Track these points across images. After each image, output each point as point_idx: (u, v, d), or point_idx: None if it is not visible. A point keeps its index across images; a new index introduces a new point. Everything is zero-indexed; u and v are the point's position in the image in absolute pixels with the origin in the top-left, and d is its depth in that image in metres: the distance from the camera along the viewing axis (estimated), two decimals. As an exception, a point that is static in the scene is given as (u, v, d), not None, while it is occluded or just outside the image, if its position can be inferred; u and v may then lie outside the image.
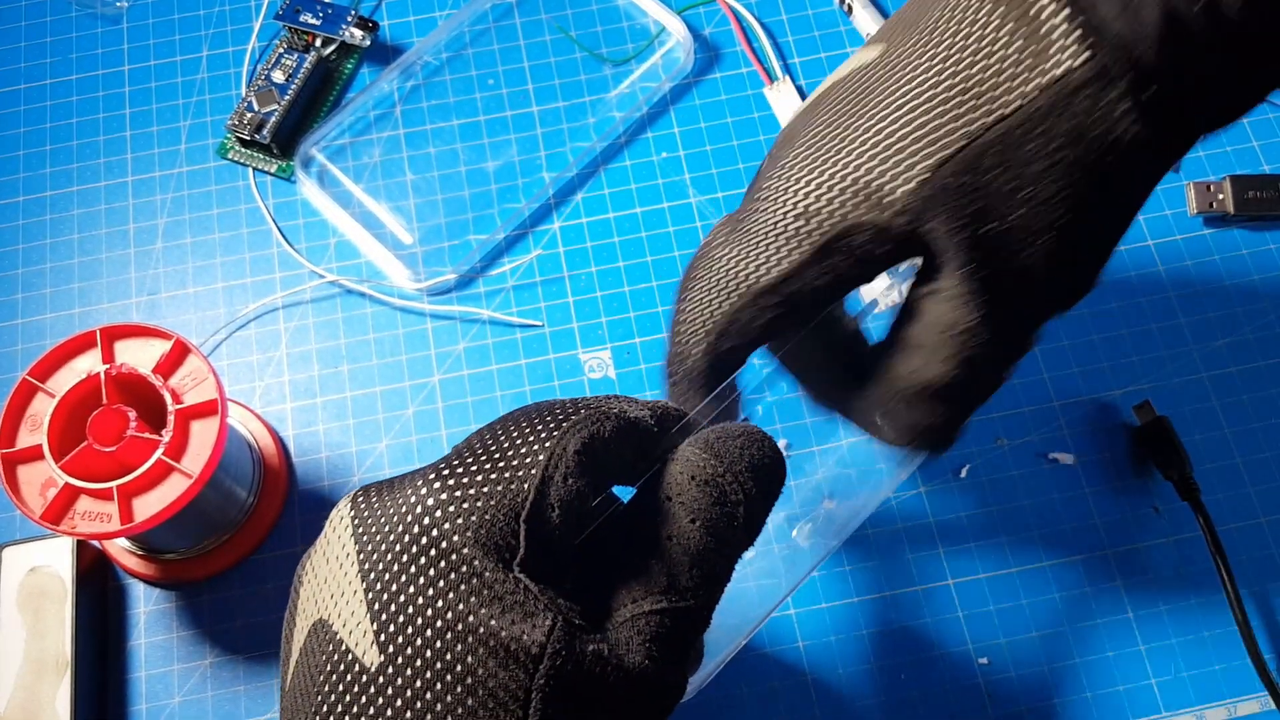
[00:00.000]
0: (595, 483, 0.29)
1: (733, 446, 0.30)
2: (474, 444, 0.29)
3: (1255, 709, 0.47)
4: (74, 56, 0.61)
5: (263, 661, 0.48)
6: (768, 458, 0.30)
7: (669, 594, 0.28)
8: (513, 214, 0.56)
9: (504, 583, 0.26)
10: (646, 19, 0.60)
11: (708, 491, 0.29)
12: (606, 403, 0.31)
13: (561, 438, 0.28)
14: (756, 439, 0.31)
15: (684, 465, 0.30)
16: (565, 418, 0.29)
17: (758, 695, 0.47)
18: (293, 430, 0.52)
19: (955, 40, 0.31)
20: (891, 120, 0.32)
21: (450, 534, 0.26)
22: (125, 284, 0.56)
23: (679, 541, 0.29)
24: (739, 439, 0.30)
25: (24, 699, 0.45)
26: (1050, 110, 0.30)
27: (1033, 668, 0.47)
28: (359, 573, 0.27)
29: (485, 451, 0.29)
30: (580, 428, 0.29)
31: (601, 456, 0.29)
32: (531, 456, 0.28)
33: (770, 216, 0.34)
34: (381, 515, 0.28)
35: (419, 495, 0.27)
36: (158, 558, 0.49)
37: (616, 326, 0.54)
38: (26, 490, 0.42)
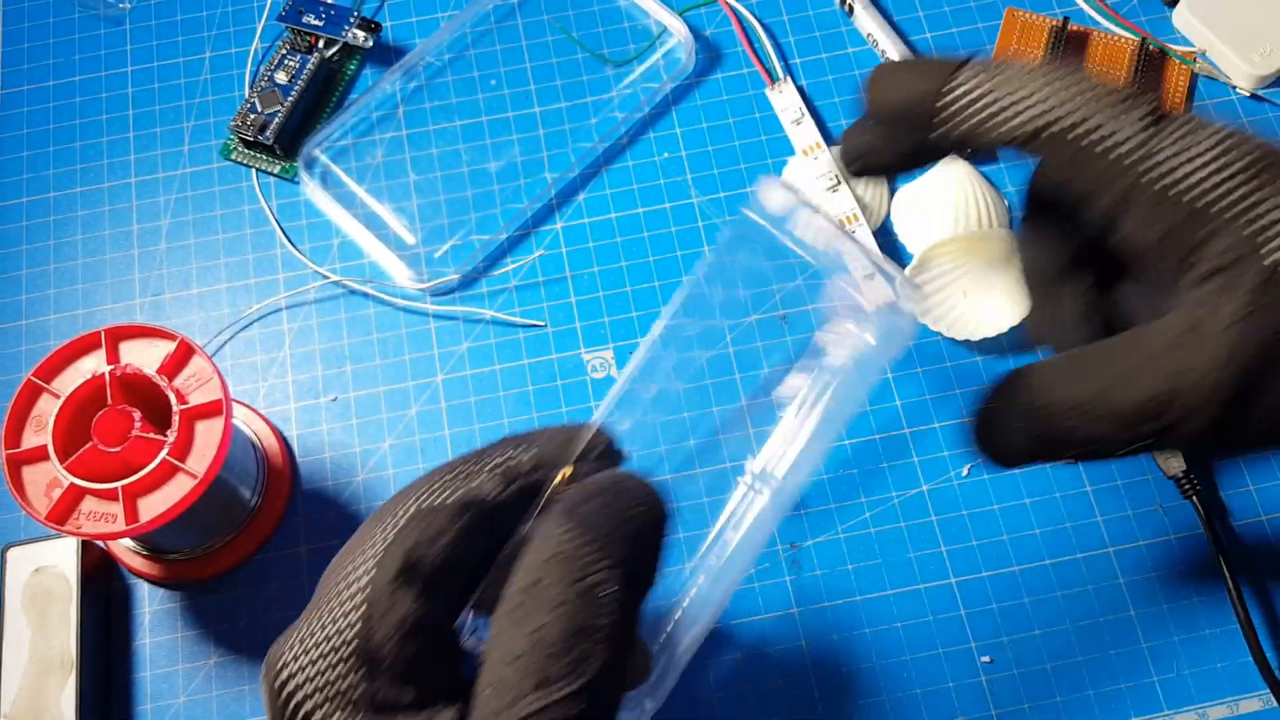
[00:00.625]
0: (440, 592, 0.29)
1: (607, 513, 0.28)
2: (324, 583, 0.30)
3: (1257, 706, 0.47)
4: (77, 58, 0.61)
5: (316, 591, 0.48)
6: (642, 507, 0.29)
7: (542, 689, 0.27)
8: (515, 214, 0.56)
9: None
10: (648, 20, 0.60)
11: (563, 568, 0.28)
12: (453, 480, 0.30)
13: (379, 568, 0.28)
14: (628, 490, 0.29)
15: (543, 540, 0.28)
16: (386, 536, 0.29)
17: (760, 693, 0.47)
18: (296, 430, 0.53)
19: None
20: None
21: (304, 701, 0.28)
22: (129, 285, 0.56)
23: (546, 633, 0.27)
24: (618, 502, 0.29)
25: (29, 699, 0.45)
26: None
27: (1035, 666, 0.47)
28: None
29: (326, 593, 0.29)
30: (395, 553, 0.28)
31: (435, 573, 0.28)
32: (351, 600, 0.28)
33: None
34: (270, 676, 0.29)
35: (283, 658, 0.29)
36: (162, 558, 0.49)
37: (619, 326, 0.54)
38: (31, 491, 0.43)
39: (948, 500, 0.50)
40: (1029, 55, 0.59)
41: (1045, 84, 0.36)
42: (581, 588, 0.27)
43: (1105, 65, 0.58)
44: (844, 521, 0.50)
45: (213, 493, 0.45)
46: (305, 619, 0.30)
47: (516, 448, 0.32)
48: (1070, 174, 0.36)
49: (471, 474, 0.31)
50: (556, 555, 0.28)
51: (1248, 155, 0.34)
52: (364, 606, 0.28)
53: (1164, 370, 0.34)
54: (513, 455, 0.31)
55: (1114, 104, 0.36)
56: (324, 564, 0.51)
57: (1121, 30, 0.59)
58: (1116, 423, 0.34)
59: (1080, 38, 0.59)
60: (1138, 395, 0.34)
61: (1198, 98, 0.58)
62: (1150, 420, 0.34)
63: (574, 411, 0.52)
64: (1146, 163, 0.35)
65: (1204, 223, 0.34)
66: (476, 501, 0.30)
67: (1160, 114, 0.35)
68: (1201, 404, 0.33)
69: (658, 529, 0.29)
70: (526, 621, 0.27)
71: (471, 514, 0.30)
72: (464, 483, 0.30)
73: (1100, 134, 0.35)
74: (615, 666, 0.28)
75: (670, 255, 0.55)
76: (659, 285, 0.55)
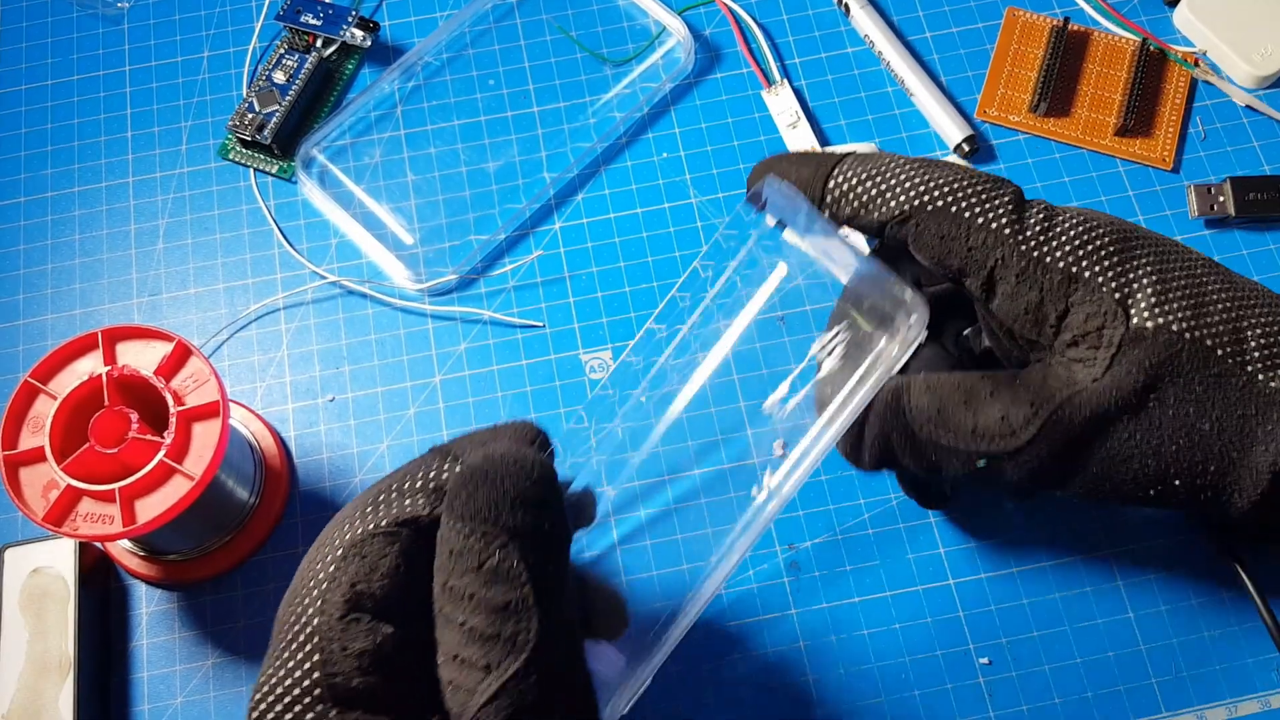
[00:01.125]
0: (393, 616, 0.29)
1: (481, 495, 0.29)
2: (278, 624, 0.30)
3: (1256, 709, 0.47)
4: (75, 57, 0.61)
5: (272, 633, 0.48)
6: (529, 481, 0.29)
7: (493, 674, 0.27)
8: (514, 214, 0.56)
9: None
10: (647, 19, 0.60)
11: (463, 561, 0.28)
12: (384, 502, 0.31)
13: (325, 607, 0.29)
14: (496, 464, 0.29)
15: (441, 542, 0.29)
16: (327, 571, 0.30)
17: (759, 694, 0.47)
18: (294, 431, 0.52)
19: None
20: None
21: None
22: (127, 285, 0.56)
23: (472, 624, 0.28)
24: (489, 481, 0.29)
25: (27, 700, 0.45)
26: None
27: (1033, 667, 0.47)
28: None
29: (281, 637, 0.30)
30: (337, 588, 0.29)
31: (382, 600, 0.29)
32: (308, 642, 0.29)
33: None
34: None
35: (256, 710, 0.30)
36: (160, 559, 0.49)
37: (618, 327, 0.54)
38: (29, 492, 0.43)
39: (946, 501, 0.50)
40: (1029, 55, 0.59)
41: (916, 171, 0.39)
42: (485, 574, 0.28)
43: (1105, 66, 0.58)
44: (842, 523, 0.50)
45: (210, 494, 0.45)
46: (267, 664, 0.30)
47: (443, 459, 0.32)
48: (941, 252, 0.39)
49: (401, 493, 0.31)
50: (451, 552, 0.28)
51: (1107, 233, 0.39)
52: (319, 648, 0.29)
53: (1020, 403, 0.38)
54: (437, 467, 0.31)
55: (979, 189, 0.39)
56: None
57: (1122, 30, 0.59)
58: (963, 434, 0.39)
59: (1080, 37, 0.59)
60: (988, 417, 0.39)
61: (1198, 98, 0.58)
62: (990, 440, 0.39)
63: (572, 412, 0.52)
64: (1012, 240, 0.38)
65: (1068, 295, 0.38)
66: (409, 521, 0.30)
67: (1020, 196, 0.39)
68: (1037, 446, 0.38)
69: (538, 484, 0.30)
70: (452, 620, 0.28)
71: (405, 535, 0.30)
72: (395, 504, 0.30)
73: (968, 215, 0.39)
74: (557, 628, 0.29)
75: (669, 255, 0.55)
76: (657, 285, 0.55)
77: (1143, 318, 0.38)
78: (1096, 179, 0.56)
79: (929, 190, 0.39)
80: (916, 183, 0.39)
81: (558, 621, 0.29)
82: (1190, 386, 0.37)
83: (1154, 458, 0.38)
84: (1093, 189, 0.56)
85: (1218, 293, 0.39)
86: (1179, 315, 0.38)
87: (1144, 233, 0.40)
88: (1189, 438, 0.37)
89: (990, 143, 0.57)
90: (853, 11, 0.59)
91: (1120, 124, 0.56)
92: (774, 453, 0.49)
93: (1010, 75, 0.59)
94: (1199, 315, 0.38)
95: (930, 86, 0.57)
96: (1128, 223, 0.40)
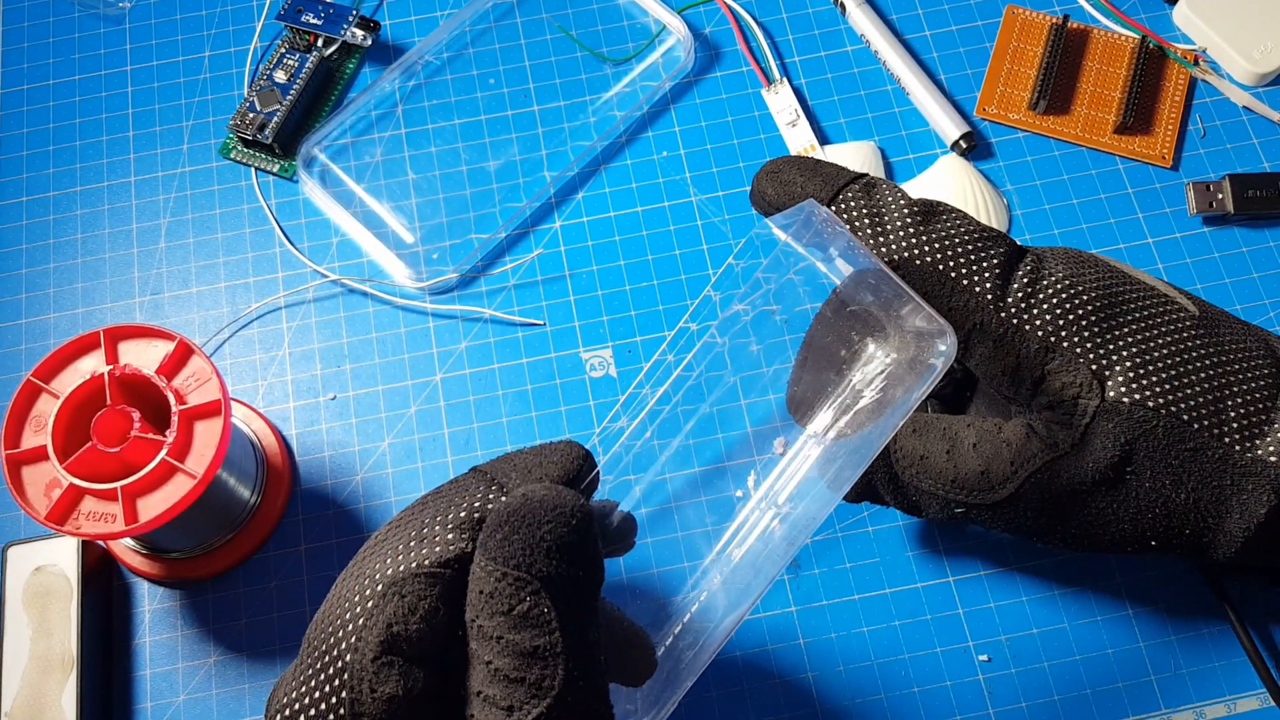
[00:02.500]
0: (425, 660, 0.29)
1: (517, 541, 0.29)
2: (309, 643, 0.30)
3: (1255, 705, 0.47)
4: (76, 57, 0.61)
5: (266, 659, 0.49)
6: (567, 528, 0.29)
7: (511, 716, 0.28)
8: (514, 213, 0.56)
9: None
10: (647, 18, 0.60)
11: (493, 604, 0.28)
12: (427, 533, 0.30)
13: (359, 646, 0.29)
14: (535, 508, 0.29)
15: (473, 580, 0.29)
16: (365, 606, 0.29)
17: (759, 693, 0.47)
18: (296, 429, 0.53)
19: None
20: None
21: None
22: (129, 283, 0.56)
23: (499, 666, 0.28)
24: (526, 524, 0.29)
25: (30, 696, 0.45)
26: None
27: (1032, 664, 0.48)
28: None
29: (311, 662, 0.30)
30: (373, 630, 0.29)
31: (416, 644, 0.29)
32: (337, 678, 0.29)
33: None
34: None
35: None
36: (162, 556, 0.50)
37: (618, 325, 0.54)
38: (31, 491, 0.43)
39: (946, 499, 0.50)
40: (1029, 53, 0.59)
41: (913, 220, 0.40)
42: (514, 618, 0.28)
43: (1105, 63, 0.58)
44: (842, 520, 0.50)
45: (212, 492, 0.45)
46: (293, 679, 0.30)
47: (487, 486, 0.32)
48: (930, 303, 0.39)
49: (444, 526, 0.30)
50: (483, 594, 0.28)
51: (1093, 299, 0.39)
52: (348, 685, 0.29)
53: (1001, 460, 0.40)
54: (481, 497, 0.31)
55: (970, 248, 0.40)
56: (323, 563, 0.52)
57: (1122, 28, 0.59)
58: (944, 482, 0.40)
59: (1080, 35, 0.59)
60: (970, 470, 0.40)
61: (1197, 95, 0.58)
62: (970, 492, 0.40)
63: (572, 410, 0.52)
64: (992, 306, 0.39)
65: (1044, 363, 0.39)
66: (451, 562, 0.30)
67: (1013, 255, 0.40)
68: (1015, 503, 0.40)
69: (575, 531, 0.29)
70: (480, 659, 0.28)
71: (448, 575, 0.30)
72: (439, 542, 0.30)
73: (953, 275, 0.39)
74: (583, 675, 0.29)
75: (669, 254, 0.55)
76: (658, 284, 0.55)
77: (1119, 392, 0.38)
78: (1096, 176, 0.56)
79: (920, 244, 0.39)
80: (910, 233, 0.39)
81: (584, 668, 0.29)
82: (1166, 460, 0.38)
83: (1130, 523, 0.39)
84: (1092, 186, 0.56)
85: (1201, 360, 0.39)
86: (1156, 390, 0.38)
87: (1135, 292, 0.40)
88: (1165, 508, 0.38)
89: (989, 140, 0.57)
90: (849, 10, 0.59)
91: (1120, 121, 0.56)
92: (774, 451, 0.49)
93: (1010, 73, 0.59)
94: (1178, 389, 0.38)
95: (927, 84, 0.57)
96: (1120, 275, 0.41)
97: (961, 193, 0.54)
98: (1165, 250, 0.55)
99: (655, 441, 0.39)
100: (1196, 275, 0.54)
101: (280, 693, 0.30)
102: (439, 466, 0.52)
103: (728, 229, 0.56)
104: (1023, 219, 0.55)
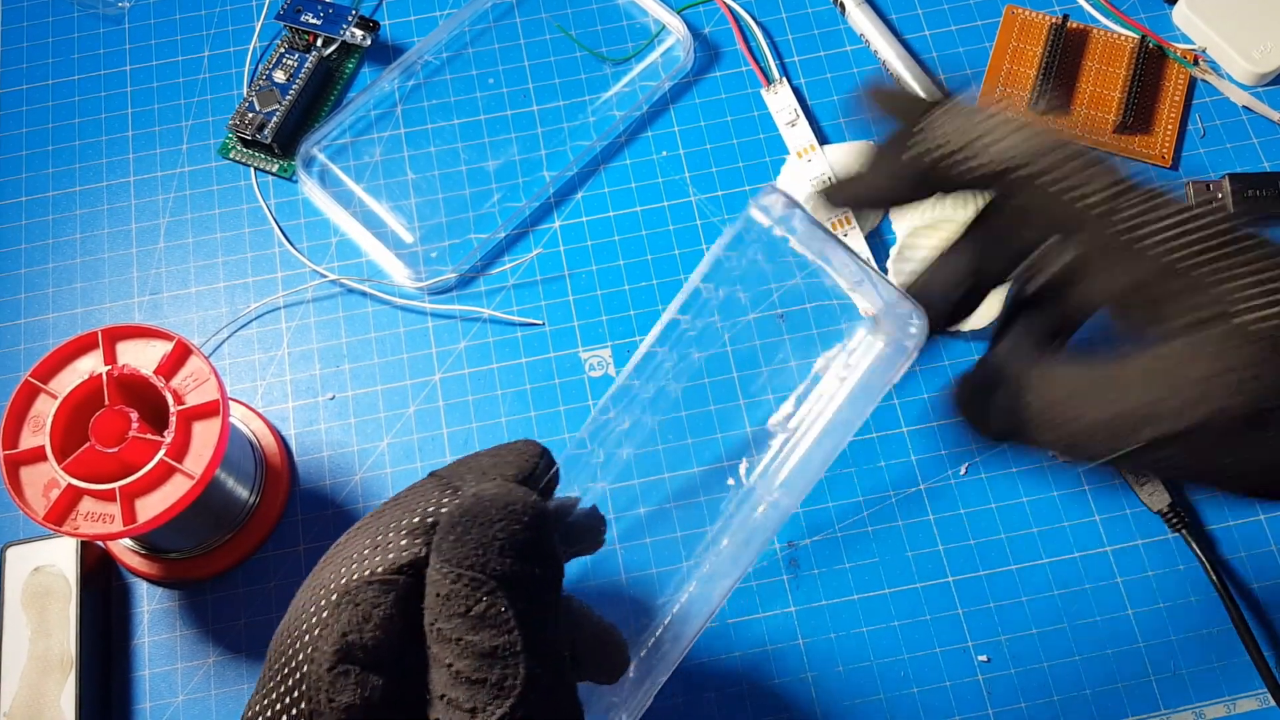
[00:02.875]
0: (384, 666, 0.29)
1: (469, 541, 0.29)
2: (270, 659, 0.30)
3: (1254, 706, 0.47)
4: (76, 57, 0.61)
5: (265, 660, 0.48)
6: (519, 525, 0.29)
7: (475, 717, 0.27)
8: (513, 213, 0.56)
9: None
10: (646, 18, 0.60)
11: (450, 606, 0.28)
12: (382, 540, 0.30)
13: (314, 657, 0.29)
14: (486, 507, 0.29)
15: (430, 584, 0.29)
16: (321, 617, 0.29)
17: (758, 693, 0.47)
18: (294, 429, 0.53)
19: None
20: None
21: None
22: (128, 283, 0.56)
23: (460, 667, 0.28)
24: (478, 524, 0.29)
25: (29, 697, 0.45)
26: None
27: (1032, 665, 0.48)
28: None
29: (271, 675, 0.30)
30: (328, 640, 0.29)
31: (372, 651, 0.28)
32: (295, 690, 0.29)
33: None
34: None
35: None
36: (161, 557, 0.50)
37: (617, 325, 0.54)
38: (29, 491, 0.43)
39: (945, 499, 0.50)
40: (1028, 53, 0.59)
41: (1026, 131, 0.37)
42: (472, 619, 0.28)
43: (1104, 63, 0.58)
44: (841, 520, 0.50)
45: (210, 492, 0.45)
46: (258, 695, 0.30)
47: (441, 490, 0.31)
48: (1036, 218, 0.37)
49: (399, 532, 0.30)
50: (439, 596, 0.28)
51: (1214, 225, 0.36)
52: (306, 695, 0.29)
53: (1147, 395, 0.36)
54: (435, 501, 0.31)
55: (1086, 162, 0.37)
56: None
57: (1121, 27, 0.59)
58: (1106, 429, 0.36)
59: (1080, 35, 0.59)
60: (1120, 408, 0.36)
61: (1197, 95, 0.58)
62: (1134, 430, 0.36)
63: (571, 410, 0.52)
64: (1116, 216, 0.36)
65: (1173, 280, 0.36)
66: (407, 566, 0.29)
67: (1125, 181, 0.37)
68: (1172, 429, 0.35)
69: (529, 529, 0.29)
70: (441, 662, 0.28)
71: (403, 581, 0.29)
72: (393, 548, 0.30)
73: (1069, 184, 0.36)
74: (546, 673, 0.28)
75: (668, 254, 0.55)
76: (657, 284, 0.55)
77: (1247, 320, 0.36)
78: (1096, 176, 0.56)
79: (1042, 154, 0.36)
80: (1028, 140, 0.37)
81: (546, 666, 0.28)
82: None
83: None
84: (1092, 186, 0.56)
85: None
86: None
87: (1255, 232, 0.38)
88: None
89: (989, 140, 0.57)
90: (849, 10, 0.59)
91: (1119, 121, 0.56)
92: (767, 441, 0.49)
93: (1009, 73, 0.59)
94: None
95: (926, 84, 0.57)
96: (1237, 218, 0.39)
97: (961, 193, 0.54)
98: (1165, 250, 0.54)
99: (649, 422, 0.39)
100: (1196, 275, 0.54)
101: (248, 707, 0.30)
102: (438, 466, 0.52)
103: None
104: (1022, 219, 0.55)
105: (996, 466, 0.51)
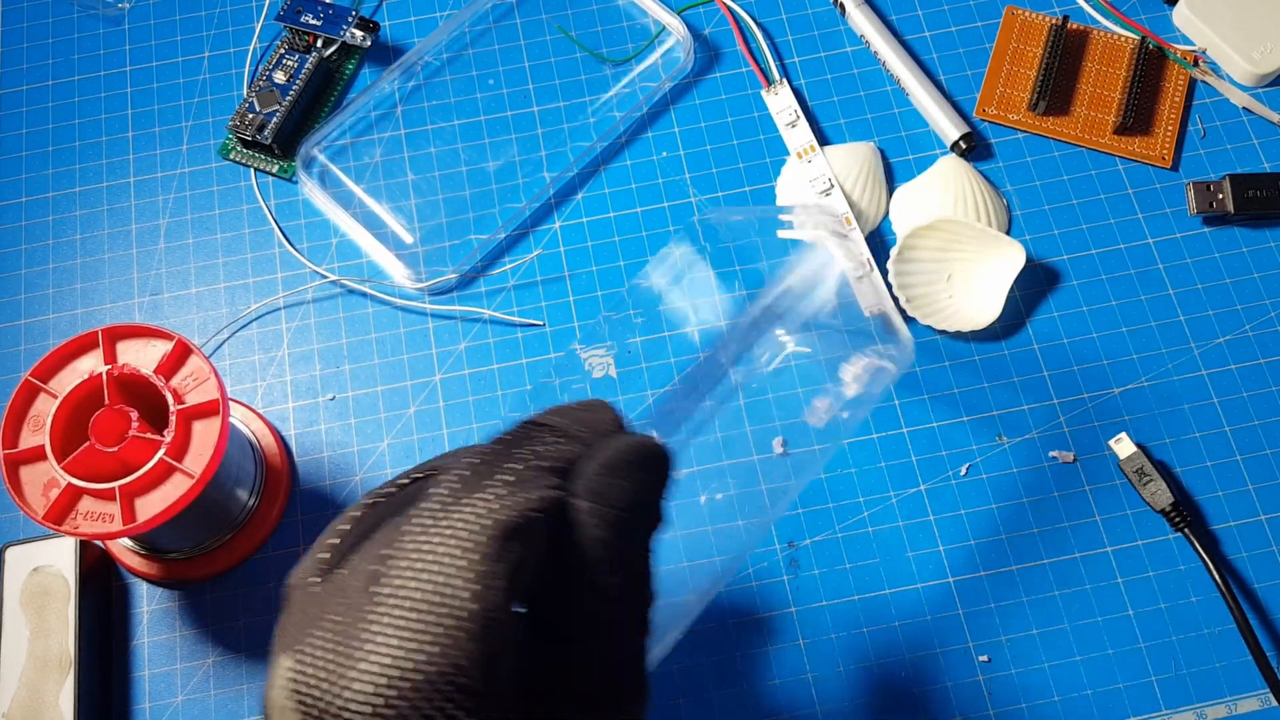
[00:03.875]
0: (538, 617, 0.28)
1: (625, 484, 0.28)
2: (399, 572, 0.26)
3: (1255, 706, 0.47)
4: (76, 57, 0.61)
5: (265, 660, 0.48)
6: (664, 471, 0.29)
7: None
8: (514, 213, 0.56)
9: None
10: (646, 19, 0.60)
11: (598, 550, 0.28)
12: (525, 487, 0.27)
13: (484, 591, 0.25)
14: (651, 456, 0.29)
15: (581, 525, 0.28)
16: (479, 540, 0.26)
17: (758, 693, 0.47)
18: (294, 429, 0.53)
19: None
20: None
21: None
22: (128, 284, 0.56)
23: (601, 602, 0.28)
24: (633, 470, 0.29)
25: (28, 697, 0.45)
26: None
27: (1033, 665, 0.47)
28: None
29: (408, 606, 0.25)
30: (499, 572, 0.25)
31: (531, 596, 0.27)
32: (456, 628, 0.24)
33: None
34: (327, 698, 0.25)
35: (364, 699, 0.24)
36: (160, 557, 0.49)
37: (617, 325, 0.54)
38: (29, 491, 0.43)
39: (946, 499, 0.50)
40: (1028, 53, 0.59)
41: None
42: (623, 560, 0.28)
43: (1104, 64, 0.58)
44: (842, 521, 0.50)
45: (210, 492, 0.45)
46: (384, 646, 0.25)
47: (556, 438, 0.30)
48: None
49: (533, 472, 0.28)
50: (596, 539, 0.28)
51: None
52: (475, 640, 0.25)
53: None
54: (553, 443, 0.30)
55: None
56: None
57: (1121, 28, 0.59)
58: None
59: (1080, 36, 0.59)
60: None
61: (1197, 96, 0.58)
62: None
63: (572, 411, 0.52)
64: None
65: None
66: (550, 507, 0.27)
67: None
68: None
69: (668, 476, 0.30)
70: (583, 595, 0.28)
71: (546, 520, 0.27)
72: (535, 485, 0.28)
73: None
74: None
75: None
76: (657, 284, 0.55)
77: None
78: (1096, 177, 0.56)
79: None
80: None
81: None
82: None
83: None
84: (1092, 187, 0.56)
85: None
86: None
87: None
88: None
89: (989, 141, 0.57)
90: (849, 11, 0.59)
91: (1119, 122, 0.56)
92: (773, 450, 0.49)
93: (1009, 74, 0.59)
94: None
95: (927, 85, 0.57)
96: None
97: (961, 194, 0.54)
98: (1165, 250, 0.55)
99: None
100: (1197, 275, 0.54)
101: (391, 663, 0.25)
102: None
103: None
104: (1023, 219, 0.55)
105: (996, 467, 0.51)
